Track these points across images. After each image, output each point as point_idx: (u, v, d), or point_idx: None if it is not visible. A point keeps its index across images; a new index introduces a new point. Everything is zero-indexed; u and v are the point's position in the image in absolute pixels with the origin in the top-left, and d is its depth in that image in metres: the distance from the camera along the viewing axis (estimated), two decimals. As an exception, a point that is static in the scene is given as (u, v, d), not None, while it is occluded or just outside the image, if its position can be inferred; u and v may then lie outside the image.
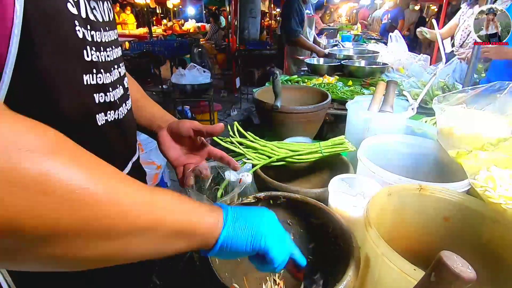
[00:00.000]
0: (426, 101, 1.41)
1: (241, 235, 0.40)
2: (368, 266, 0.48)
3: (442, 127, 0.71)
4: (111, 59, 0.54)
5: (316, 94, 1.33)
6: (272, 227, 0.44)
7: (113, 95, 0.53)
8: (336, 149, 0.83)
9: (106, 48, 0.52)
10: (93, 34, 0.48)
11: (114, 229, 0.30)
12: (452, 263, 0.32)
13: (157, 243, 0.34)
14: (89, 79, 0.47)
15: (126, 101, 0.60)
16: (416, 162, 0.81)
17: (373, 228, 0.45)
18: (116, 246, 0.31)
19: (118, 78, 0.57)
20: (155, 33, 7.06)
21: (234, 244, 0.40)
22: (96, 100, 0.50)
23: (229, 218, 0.40)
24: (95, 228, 0.29)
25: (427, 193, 0.56)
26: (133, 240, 0.32)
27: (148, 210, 0.33)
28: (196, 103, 3.60)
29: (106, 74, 0.52)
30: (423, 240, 0.59)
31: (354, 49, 3.01)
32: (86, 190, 0.28)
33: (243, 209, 0.44)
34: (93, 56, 0.47)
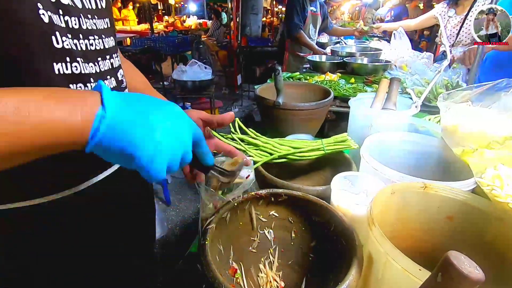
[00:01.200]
0: (429, 99, 1.40)
1: (113, 150, 0.33)
2: (371, 265, 0.48)
3: (447, 124, 0.70)
4: (96, 48, 0.50)
5: (318, 91, 1.32)
6: (159, 145, 0.34)
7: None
8: (338, 147, 0.81)
9: (89, 36, 0.49)
10: (67, 19, 0.44)
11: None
12: (460, 263, 0.31)
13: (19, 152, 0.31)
14: (61, 68, 0.44)
15: None
16: (420, 160, 0.80)
17: (376, 226, 0.44)
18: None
19: (110, 69, 0.54)
20: (156, 30, 7.03)
21: (104, 154, 0.34)
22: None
23: (102, 126, 0.32)
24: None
25: (431, 191, 0.56)
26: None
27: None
28: (197, 99, 3.59)
29: (88, 64, 0.48)
30: (426, 239, 0.58)
31: (357, 46, 2.99)
32: None
33: (128, 108, 0.34)
34: (65, 43, 0.44)
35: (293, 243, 0.66)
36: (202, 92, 3.02)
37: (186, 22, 9.05)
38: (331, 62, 2.22)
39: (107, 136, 0.32)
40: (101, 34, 0.52)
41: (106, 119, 0.32)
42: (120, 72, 0.59)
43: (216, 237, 0.56)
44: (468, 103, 0.74)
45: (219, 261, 0.56)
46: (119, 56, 0.62)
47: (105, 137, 0.32)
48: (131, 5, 7.90)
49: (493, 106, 0.68)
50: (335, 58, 2.34)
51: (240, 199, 0.62)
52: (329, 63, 2.21)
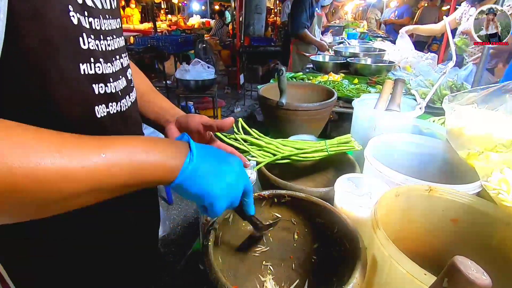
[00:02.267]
0: (434, 101, 1.39)
1: (191, 188, 0.41)
2: (375, 268, 0.47)
3: (452, 127, 0.69)
4: (112, 48, 0.51)
5: (321, 92, 1.32)
6: (225, 189, 0.43)
7: (114, 86, 0.51)
8: (342, 148, 0.81)
9: (107, 37, 0.50)
10: (91, 21, 0.45)
11: (50, 198, 0.31)
12: (467, 269, 0.31)
13: (108, 195, 0.37)
14: (86, 69, 0.45)
15: (130, 93, 0.58)
16: (424, 162, 0.79)
17: (381, 229, 0.44)
18: (59, 207, 0.33)
19: (121, 69, 0.55)
20: (159, 28, 7.04)
21: (184, 191, 0.41)
22: (96, 91, 0.48)
23: (189, 168, 0.40)
24: (29, 200, 0.30)
25: (436, 194, 0.55)
26: (77, 200, 0.34)
27: (89, 176, 0.33)
28: (200, 99, 3.59)
29: (107, 64, 0.50)
30: (430, 242, 0.57)
31: (360, 46, 2.98)
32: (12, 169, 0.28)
33: (208, 158, 0.43)
34: (90, 44, 0.45)
35: (296, 245, 0.66)
36: (205, 92, 3.01)
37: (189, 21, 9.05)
38: (335, 63, 2.21)
39: (190, 177, 0.40)
40: (114, 34, 0.53)
41: (193, 162, 0.40)
42: (129, 72, 0.60)
43: (219, 238, 0.56)
44: (473, 105, 0.73)
45: (222, 262, 0.56)
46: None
47: (188, 178, 0.40)
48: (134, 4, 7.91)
49: (500, 108, 0.68)
50: (339, 59, 2.34)
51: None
52: (332, 64, 2.20)
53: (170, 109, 0.70)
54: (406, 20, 6.25)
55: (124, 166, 0.35)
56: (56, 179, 0.30)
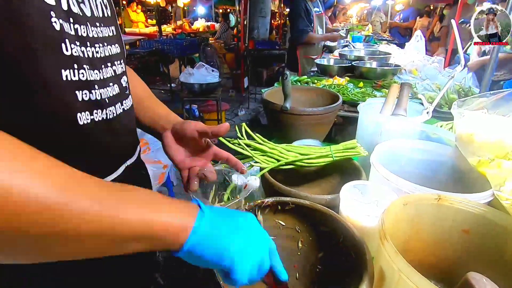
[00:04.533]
0: (441, 105, 1.37)
1: (207, 250, 0.38)
2: (382, 280, 0.45)
3: (462, 133, 0.67)
4: (101, 55, 0.51)
5: (326, 96, 1.30)
6: (245, 246, 0.40)
7: (100, 93, 0.50)
8: (347, 154, 0.79)
9: (95, 44, 0.49)
10: (76, 27, 0.45)
11: (51, 238, 0.30)
12: (481, 286, 0.29)
13: (109, 246, 0.34)
14: (69, 75, 0.44)
15: (123, 101, 0.57)
16: (432, 169, 0.77)
17: (389, 241, 0.42)
18: (60, 250, 0.32)
19: (113, 76, 0.54)
20: (164, 32, 7.09)
21: (199, 255, 0.37)
22: (79, 97, 0.46)
23: (202, 226, 0.37)
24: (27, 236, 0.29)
25: (446, 203, 0.53)
26: (78, 245, 0.32)
27: (91, 219, 0.31)
28: (204, 102, 3.59)
29: (93, 71, 0.49)
30: (440, 254, 0.55)
31: (365, 50, 2.96)
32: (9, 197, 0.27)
33: (220, 216, 0.40)
34: (73, 50, 0.44)
35: (300, 253, 0.64)
36: (209, 95, 3.01)
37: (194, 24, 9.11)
38: (339, 66, 2.19)
39: (203, 237, 0.37)
40: (105, 41, 0.52)
41: (205, 219, 0.38)
42: (124, 79, 0.59)
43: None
44: (483, 110, 0.71)
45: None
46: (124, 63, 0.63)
47: (202, 238, 0.37)
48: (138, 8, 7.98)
49: (511, 114, 0.66)
50: (343, 62, 2.32)
51: (246, 207, 0.60)
52: (337, 67, 2.18)
53: (167, 115, 0.69)
54: (412, 23, 6.21)
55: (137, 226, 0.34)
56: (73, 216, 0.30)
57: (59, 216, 0.29)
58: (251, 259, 0.40)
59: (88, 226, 0.31)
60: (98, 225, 0.32)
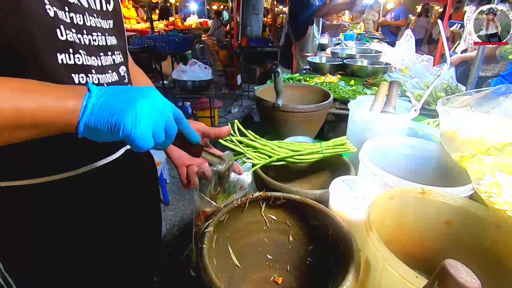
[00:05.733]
0: (429, 103, 1.40)
1: (101, 123, 0.37)
2: (368, 270, 0.48)
3: (446, 129, 0.70)
4: (99, 44, 0.55)
5: (318, 93, 1.32)
6: (141, 112, 0.38)
7: (97, 78, 0.54)
8: (337, 150, 0.81)
9: (92, 33, 0.53)
10: (72, 16, 0.48)
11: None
12: (457, 272, 0.31)
13: (8, 131, 0.36)
14: (65, 59, 0.48)
15: None
16: (418, 164, 0.80)
17: (374, 232, 0.44)
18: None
19: (112, 65, 0.58)
20: (157, 28, 7.01)
21: (95, 129, 0.37)
22: (76, 80, 0.50)
23: (89, 105, 0.37)
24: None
25: (429, 197, 0.56)
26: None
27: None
28: (197, 99, 3.59)
29: (91, 57, 0.52)
30: (424, 245, 0.58)
31: (357, 48, 2.99)
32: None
33: (112, 91, 0.39)
34: (68, 36, 0.48)
35: (291, 247, 0.66)
36: (202, 92, 3.01)
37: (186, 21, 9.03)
38: (331, 64, 2.22)
39: (94, 113, 0.37)
40: (104, 32, 0.56)
41: (92, 98, 0.37)
42: (122, 69, 0.63)
43: (213, 240, 0.56)
44: (467, 108, 0.74)
45: (217, 264, 0.56)
46: (128, 58, 0.66)
47: (92, 114, 0.37)
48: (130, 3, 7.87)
49: (493, 111, 0.68)
50: (335, 60, 2.34)
51: (238, 202, 0.62)
52: (329, 65, 2.21)
53: None
54: (403, 22, 6.29)
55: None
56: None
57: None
58: (149, 124, 0.38)
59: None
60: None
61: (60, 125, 0.37)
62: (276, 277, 0.65)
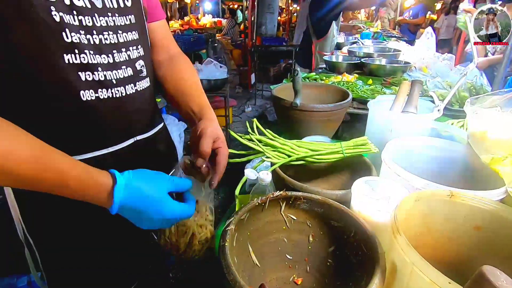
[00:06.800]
0: (451, 103, 1.36)
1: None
2: (394, 274, 0.46)
3: (474, 130, 0.67)
4: (112, 42, 0.57)
5: (335, 92, 1.30)
6: (152, 226, 0.51)
7: (104, 75, 0.56)
8: (358, 150, 0.80)
9: (103, 32, 0.55)
10: (81, 18, 0.52)
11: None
12: (496, 279, 0.30)
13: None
14: (71, 58, 0.52)
15: (136, 82, 0.63)
16: (443, 166, 0.77)
17: (402, 235, 0.43)
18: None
19: (126, 61, 0.60)
20: (172, 28, 7.10)
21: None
22: (82, 77, 0.54)
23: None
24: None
25: (458, 200, 0.54)
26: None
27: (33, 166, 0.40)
28: (212, 98, 3.61)
29: (100, 56, 0.55)
30: (451, 250, 0.56)
31: (375, 46, 2.93)
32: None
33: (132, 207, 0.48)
34: (73, 38, 0.51)
35: (311, 247, 0.65)
36: (217, 91, 3.02)
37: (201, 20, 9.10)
38: (348, 63, 2.18)
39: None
40: (118, 29, 0.58)
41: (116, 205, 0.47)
42: (140, 63, 0.64)
43: (234, 239, 0.56)
44: (497, 108, 0.71)
45: (237, 263, 0.56)
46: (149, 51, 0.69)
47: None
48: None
49: (525, 112, 0.65)
50: (352, 59, 2.30)
51: (258, 201, 0.61)
52: (346, 64, 2.17)
53: (198, 112, 0.69)
54: (421, 19, 6.11)
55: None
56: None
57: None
58: (157, 227, 0.53)
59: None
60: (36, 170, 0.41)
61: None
62: (295, 277, 0.64)
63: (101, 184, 0.46)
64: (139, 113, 0.67)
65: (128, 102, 0.62)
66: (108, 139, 0.63)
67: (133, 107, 0.64)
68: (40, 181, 0.41)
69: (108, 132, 0.62)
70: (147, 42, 0.68)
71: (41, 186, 0.42)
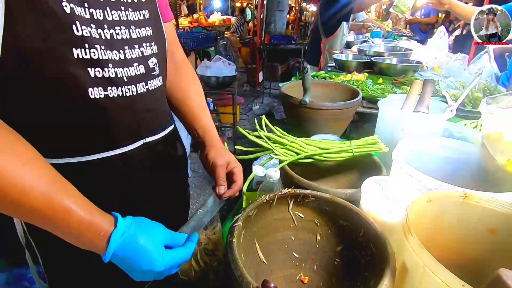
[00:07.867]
0: (464, 103, 1.33)
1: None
2: (404, 276, 0.45)
3: (490, 131, 0.65)
4: (124, 37, 0.54)
5: (345, 91, 1.29)
6: (146, 278, 0.49)
7: (114, 72, 0.53)
8: (368, 149, 0.79)
9: (115, 26, 0.53)
10: (92, 11, 0.49)
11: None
12: (514, 283, 0.29)
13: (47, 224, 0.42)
14: (80, 53, 0.48)
15: (148, 81, 0.60)
16: (455, 167, 0.75)
17: (414, 236, 0.42)
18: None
19: (138, 57, 0.57)
20: (181, 25, 7.12)
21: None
22: (91, 74, 0.51)
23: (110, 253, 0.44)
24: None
25: (471, 201, 0.52)
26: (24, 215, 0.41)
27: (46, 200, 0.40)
28: (219, 95, 3.61)
29: (112, 51, 0.52)
30: (463, 252, 0.55)
31: (385, 45, 2.89)
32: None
33: (126, 259, 0.46)
34: (84, 32, 0.48)
35: (318, 246, 0.64)
36: (225, 88, 3.02)
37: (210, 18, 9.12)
38: (358, 62, 2.15)
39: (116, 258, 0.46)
40: (130, 25, 0.55)
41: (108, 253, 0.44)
42: (152, 61, 0.61)
43: (241, 235, 0.56)
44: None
45: (244, 259, 0.55)
46: (165, 48, 0.67)
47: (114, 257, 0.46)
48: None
49: (543, 113, 0.63)
50: (362, 58, 2.27)
51: (266, 198, 0.61)
52: (355, 63, 2.14)
53: (202, 136, 0.72)
54: (433, 18, 5.99)
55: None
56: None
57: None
58: (151, 279, 0.50)
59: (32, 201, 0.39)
60: (38, 202, 0.39)
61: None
62: (302, 276, 0.64)
63: (101, 230, 0.43)
64: (150, 113, 0.63)
65: (138, 101, 0.59)
66: (116, 140, 0.60)
67: (143, 107, 0.61)
68: (46, 219, 0.41)
69: (116, 132, 0.59)
70: (162, 40, 0.65)
71: (46, 225, 0.42)
